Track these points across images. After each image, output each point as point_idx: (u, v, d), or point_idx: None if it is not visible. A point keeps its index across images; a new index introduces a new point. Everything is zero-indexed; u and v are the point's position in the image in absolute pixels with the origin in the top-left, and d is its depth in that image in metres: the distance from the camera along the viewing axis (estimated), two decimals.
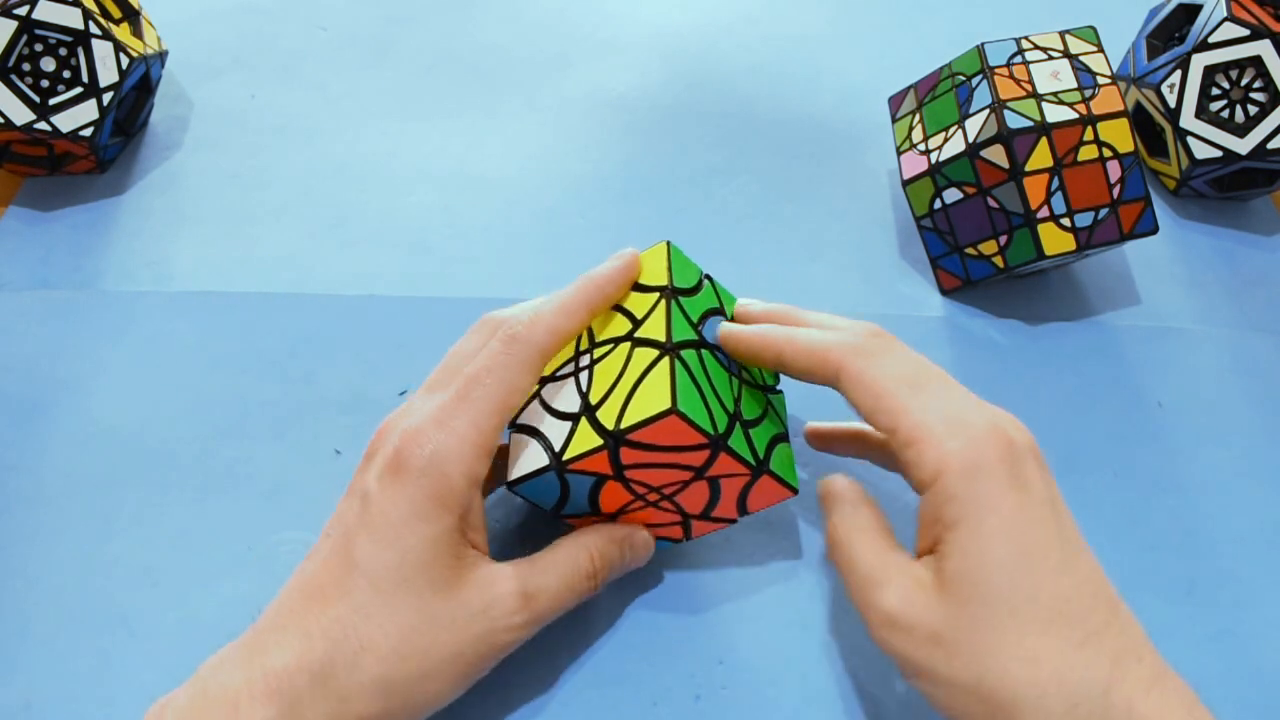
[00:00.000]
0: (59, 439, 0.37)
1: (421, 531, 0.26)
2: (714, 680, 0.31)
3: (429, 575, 0.26)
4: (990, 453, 0.25)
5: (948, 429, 0.26)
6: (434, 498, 0.26)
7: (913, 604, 0.26)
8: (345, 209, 0.46)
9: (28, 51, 0.43)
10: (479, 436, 0.27)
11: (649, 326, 0.29)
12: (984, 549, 0.25)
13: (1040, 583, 0.25)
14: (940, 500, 0.26)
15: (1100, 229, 0.40)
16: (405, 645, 0.26)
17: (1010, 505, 0.25)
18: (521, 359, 0.28)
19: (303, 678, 0.24)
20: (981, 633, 0.24)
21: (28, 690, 0.30)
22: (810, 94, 0.54)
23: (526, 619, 0.28)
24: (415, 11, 0.58)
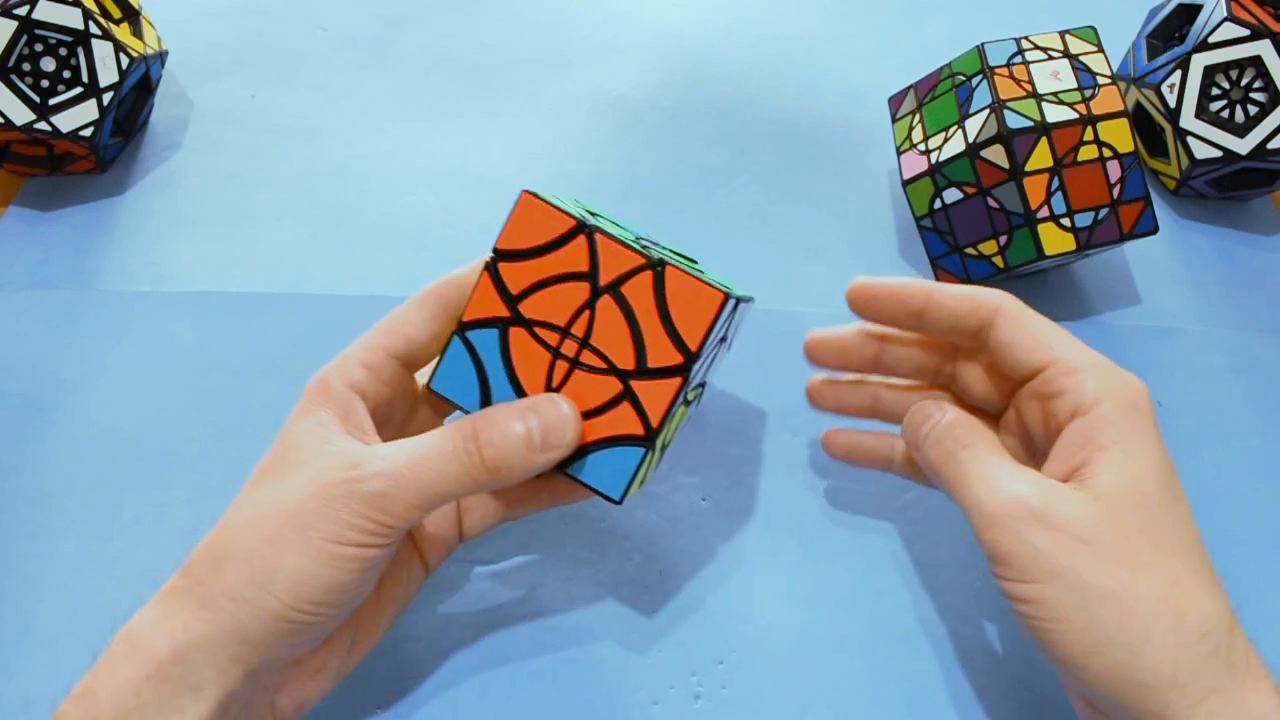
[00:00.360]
0: (59, 439, 0.37)
1: (296, 428, 0.27)
2: (714, 680, 0.31)
3: (291, 458, 0.26)
4: (1143, 398, 0.27)
5: (1106, 370, 0.28)
6: (311, 399, 0.28)
7: (1062, 504, 0.26)
8: (345, 209, 0.46)
9: (28, 51, 0.43)
10: (359, 352, 0.29)
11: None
12: (1141, 471, 0.26)
13: (1182, 517, 0.26)
14: (1099, 424, 0.26)
15: (1100, 229, 0.40)
16: (253, 514, 0.26)
17: (1158, 445, 0.27)
18: (417, 295, 0.30)
19: (177, 578, 0.26)
20: (1134, 543, 0.25)
21: (28, 690, 0.30)
22: (810, 94, 0.54)
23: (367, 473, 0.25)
24: (415, 11, 0.58)
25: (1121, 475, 0.26)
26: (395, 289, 0.43)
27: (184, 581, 0.26)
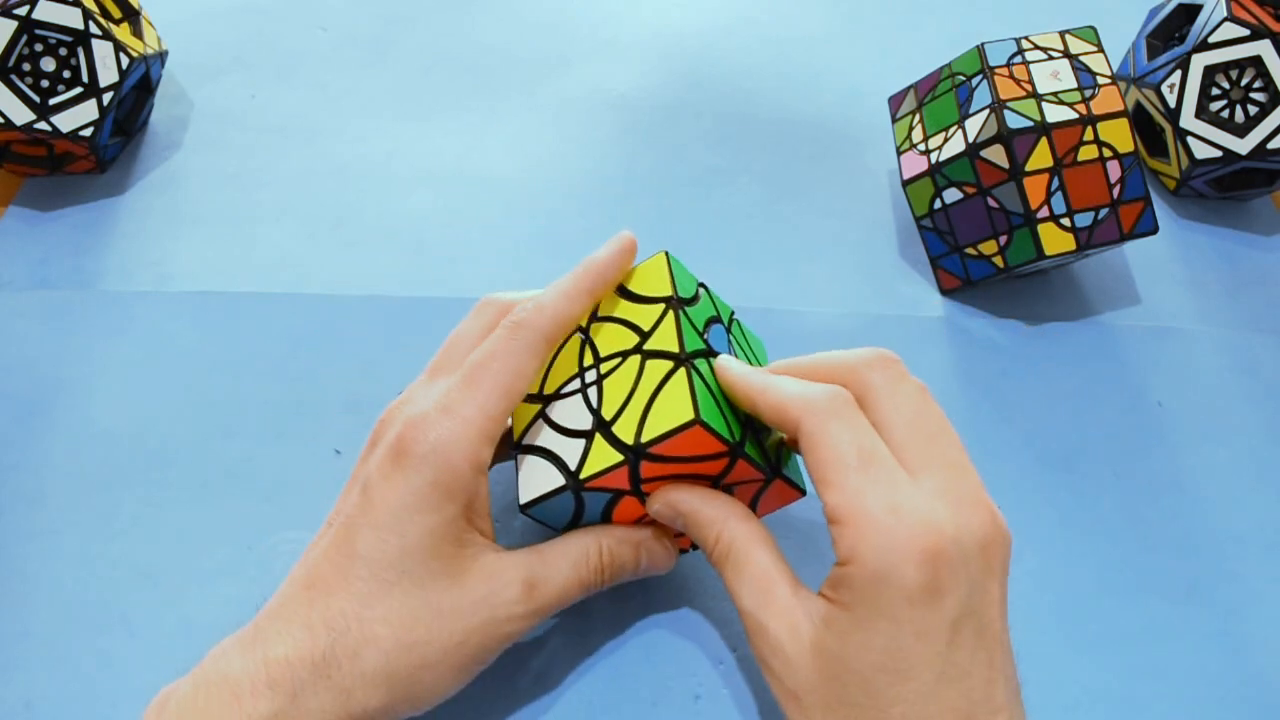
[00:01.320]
0: (59, 439, 0.37)
1: (424, 521, 0.26)
2: (714, 680, 0.31)
3: (431, 564, 0.26)
4: (908, 559, 0.24)
5: (873, 524, 0.24)
6: (437, 485, 0.26)
7: (788, 656, 0.26)
8: (345, 209, 0.46)
9: (28, 51, 0.43)
10: (485, 422, 0.27)
11: (659, 338, 0.29)
12: (861, 649, 0.24)
13: (898, 700, 0.24)
14: (844, 583, 0.25)
15: (1100, 229, 0.40)
16: (407, 635, 0.25)
17: (904, 617, 0.24)
18: (526, 343, 0.28)
19: (304, 669, 0.24)
20: (830, 715, 0.25)
21: (28, 690, 0.30)
22: (810, 94, 0.54)
23: (529, 609, 0.27)
24: (415, 11, 0.58)
25: (843, 646, 0.25)
26: (395, 289, 0.43)
27: (324, 682, 0.25)
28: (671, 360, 0.28)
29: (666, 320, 0.29)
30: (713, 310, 0.32)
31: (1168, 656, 0.33)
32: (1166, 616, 0.34)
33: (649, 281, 0.30)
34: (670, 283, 0.30)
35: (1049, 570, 0.35)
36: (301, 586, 0.26)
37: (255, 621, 0.26)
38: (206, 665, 0.25)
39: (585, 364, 0.30)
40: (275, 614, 0.26)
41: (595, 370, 0.29)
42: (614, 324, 0.30)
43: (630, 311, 0.30)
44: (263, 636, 0.25)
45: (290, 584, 0.27)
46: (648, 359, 0.28)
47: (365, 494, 0.26)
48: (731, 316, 0.33)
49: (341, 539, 0.26)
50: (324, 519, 0.29)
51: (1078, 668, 0.33)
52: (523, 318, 0.28)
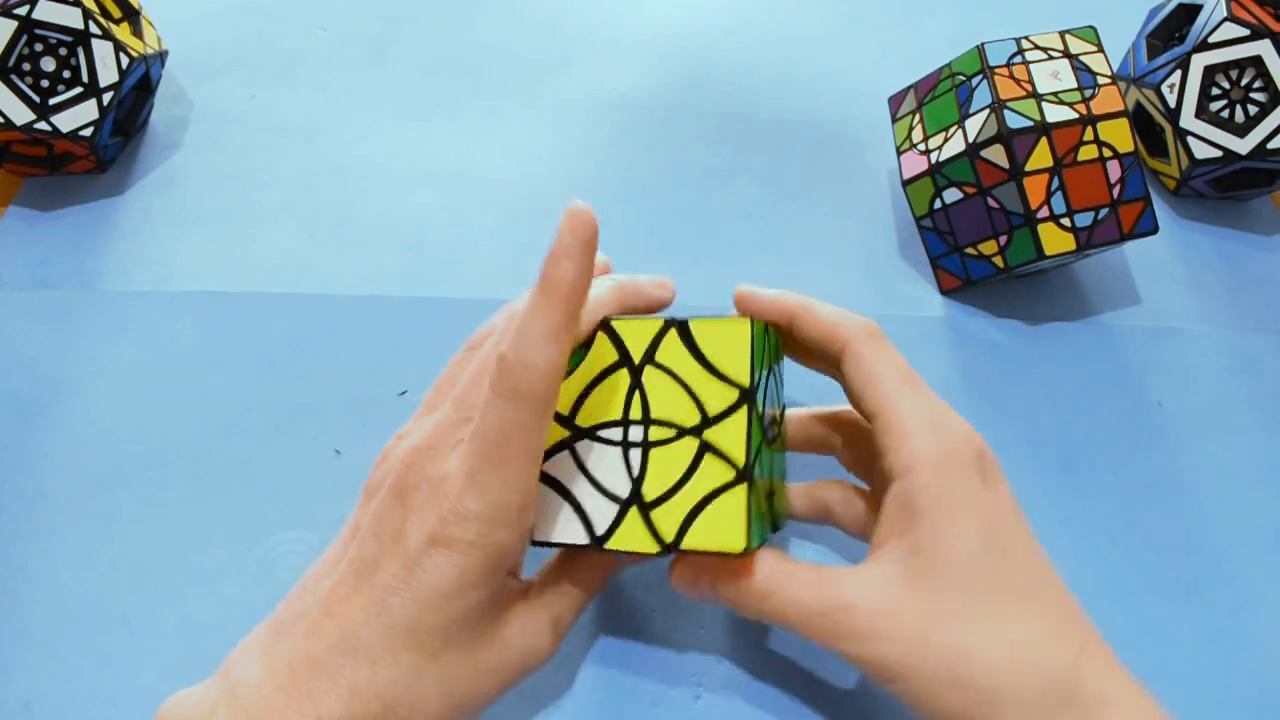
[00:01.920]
0: (59, 439, 0.37)
1: (474, 596, 0.26)
2: (714, 680, 0.31)
3: (477, 629, 0.26)
4: (965, 451, 0.26)
5: (928, 425, 0.27)
6: (487, 566, 0.25)
7: (886, 611, 0.25)
8: (345, 209, 0.46)
9: (28, 51, 0.43)
10: (523, 499, 0.26)
11: (724, 434, 0.26)
12: (957, 540, 0.25)
13: (1010, 572, 0.26)
14: (913, 490, 0.26)
15: (1100, 229, 0.40)
16: (456, 694, 0.26)
17: (980, 500, 0.26)
18: (537, 412, 0.25)
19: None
20: (961, 623, 0.25)
21: (28, 690, 0.30)
22: (810, 94, 0.54)
23: (557, 642, 0.28)
24: (415, 11, 0.58)
25: (939, 550, 0.25)
26: (395, 289, 0.43)
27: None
28: (733, 471, 0.26)
29: (738, 416, 0.26)
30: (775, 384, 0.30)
31: (1168, 656, 0.33)
32: (1166, 616, 0.34)
33: (726, 350, 0.26)
34: (750, 366, 0.26)
35: None
36: (338, 650, 0.25)
37: (290, 664, 0.25)
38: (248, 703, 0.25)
39: (632, 415, 0.27)
40: (315, 668, 0.25)
41: (643, 430, 0.27)
42: (674, 383, 0.27)
43: (697, 379, 0.27)
44: (305, 688, 0.25)
45: (317, 634, 0.26)
46: (706, 451, 0.26)
47: (408, 569, 0.25)
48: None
49: (382, 606, 0.25)
50: (324, 519, 0.29)
51: None
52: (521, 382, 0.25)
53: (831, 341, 0.29)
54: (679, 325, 0.27)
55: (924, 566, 0.25)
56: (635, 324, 0.28)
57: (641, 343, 0.27)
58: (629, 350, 0.27)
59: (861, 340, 0.28)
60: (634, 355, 0.27)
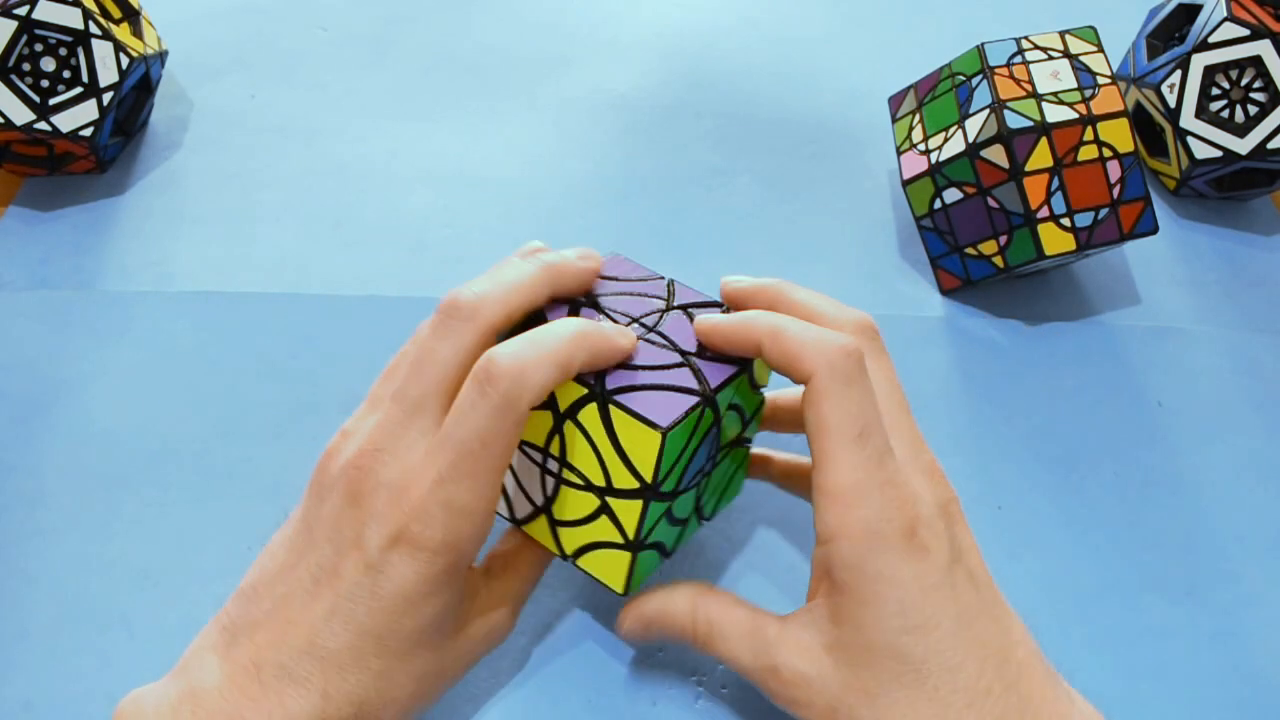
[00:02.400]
0: (59, 439, 0.37)
1: (440, 600, 0.26)
2: (714, 680, 0.31)
3: (444, 628, 0.26)
4: (891, 525, 0.25)
5: (859, 496, 0.25)
6: (451, 568, 0.25)
7: (807, 680, 0.26)
8: (345, 209, 0.46)
9: (28, 51, 0.43)
10: (488, 506, 0.26)
11: (622, 508, 0.27)
12: (875, 620, 0.25)
13: (930, 651, 0.25)
14: (832, 560, 0.26)
15: (1100, 229, 0.40)
16: (424, 687, 0.26)
17: (905, 575, 0.25)
18: (515, 423, 0.25)
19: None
20: (876, 701, 0.25)
21: (28, 690, 0.30)
22: (810, 94, 0.54)
23: (515, 619, 0.29)
24: (415, 11, 0.58)
25: (859, 629, 0.25)
26: (395, 289, 0.43)
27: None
28: (623, 539, 0.27)
29: (635, 504, 0.27)
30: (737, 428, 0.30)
31: (1168, 656, 0.33)
32: (1166, 616, 0.34)
33: (637, 444, 0.26)
34: (655, 469, 0.26)
35: (1049, 570, 0.35)
36: (307, 658, 0.25)
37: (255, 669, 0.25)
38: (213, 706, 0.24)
39: (551, 450, 0.28)
40: (282, 670, 0.25)
41: (558, 465, 0.28)
42: (588, 445, 0.27)
43: (607, 452, 0.27)
44: (275, 693, 0.24)
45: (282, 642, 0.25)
46: (604, 512, 0.27)
47: (371, 575, 0.25)
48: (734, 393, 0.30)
49: (349, 615, 0.25)
50: None
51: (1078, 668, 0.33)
52: (512, 393, 0.25)
53: (791, 373, 0.26)
54: (600, 401, 0.26)
55: (843, 639, 0.26)
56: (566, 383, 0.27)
57: (567, 398, 0.27)
58: (556, 399, 0.27)
59: (825, 378, 0.26)
60: (560, 405, 0.27)
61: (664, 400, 0.26)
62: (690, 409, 0.26)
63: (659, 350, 0.28)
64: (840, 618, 0.26)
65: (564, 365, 0.25)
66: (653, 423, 0.25)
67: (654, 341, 0.28)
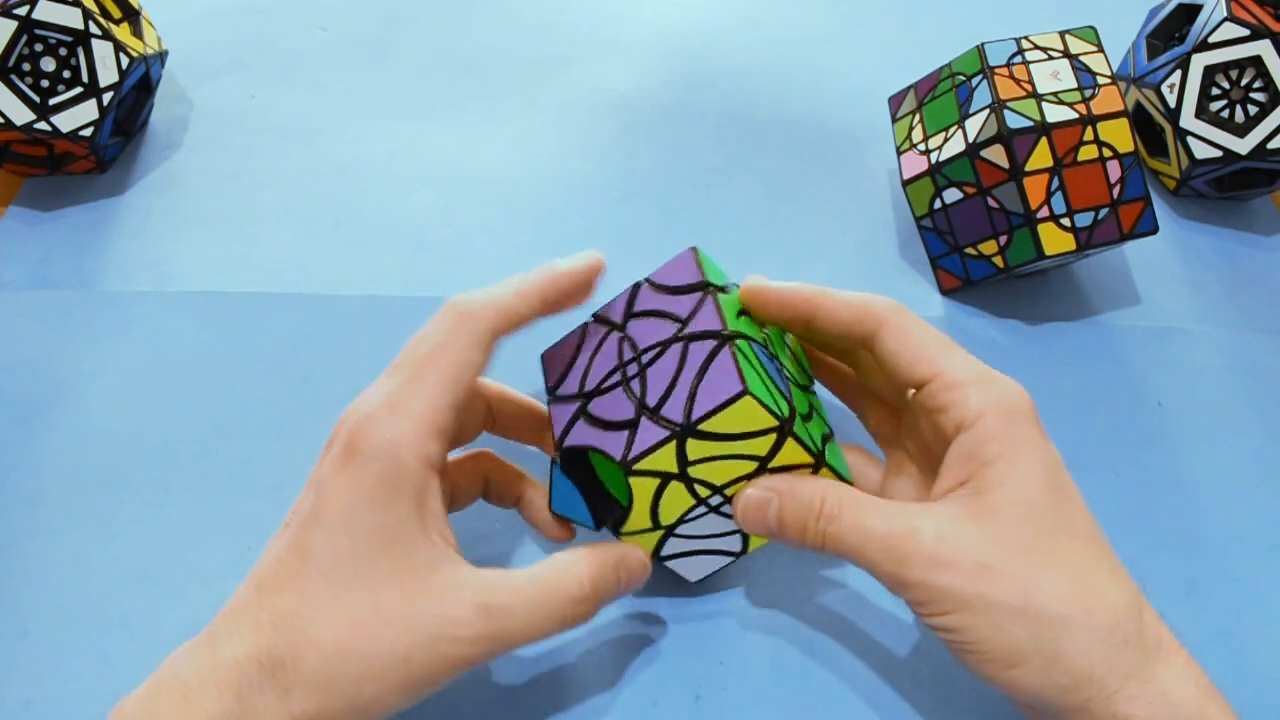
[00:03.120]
0: (59, 439, 0.37)
1: (374, 519, 0.25)
2: (714, 680, 0.31)
3: (381, 566, 0.25)
4: (1024, 405, 0.28)
5: (985, 382, 0.28)
6: (386, 482, 0.25)
7: (953, 539, 0.26)
8: (345, 209, 0.46)
9: (28, 51, 0.43)
10: (432, 415, 0.26)
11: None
12: (1027, 479, 0.26)
13: (1074, 516, 0.27)
14: (982, 438, 0.27)
15: (1100, 229, 0.40)
16: (349, 641, 0.25)
17: (1044, 447, 0.27)
18: (472, 334, 0.27)
19: (252, 668, 0.24)
20: (1029, 555, 0.26)
21: (28, 690, 0.30)
22: (810, 94, 0.54)
23: (481, 634, 0.25)
24: (415, 11, 0.58)
25: (1008, 488, 0.26)
26: (395, 289, 0.43)
27: (269, 681, 0.24)
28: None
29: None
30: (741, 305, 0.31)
31: None
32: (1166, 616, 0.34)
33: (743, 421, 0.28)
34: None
35: None
36: (254, 588, 0.26)
37: (210, 625, 0.26)
38: (161, 670, 0.25)
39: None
40: (227, 616, 0.26)
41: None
42: (722, 462, 0.28)
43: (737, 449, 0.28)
44: (214, 638, 0.25)
45: (244, 586, 0.26)
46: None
47: (318, 494, 0.26)
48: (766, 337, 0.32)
49: (294, 539, 0.26)
50: None
51: None
52: (469, 308, 0.28)
53: (863, 321, 0.29)
54: (689, 432, 0.27)
55: (991, 505, 0.26)
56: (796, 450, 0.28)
57: (668, 463, 0.28)
58: (664, 471, 0.28)
59: (899, 314, 0.29)
60: (672, 469, 0.28)
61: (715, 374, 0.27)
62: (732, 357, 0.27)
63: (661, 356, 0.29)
64: (987, 487, 0.26)
65: (519, 290, 0.28)
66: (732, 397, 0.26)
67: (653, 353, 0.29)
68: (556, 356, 0.32)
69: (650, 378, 0.29)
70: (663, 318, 0.30)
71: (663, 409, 0.28)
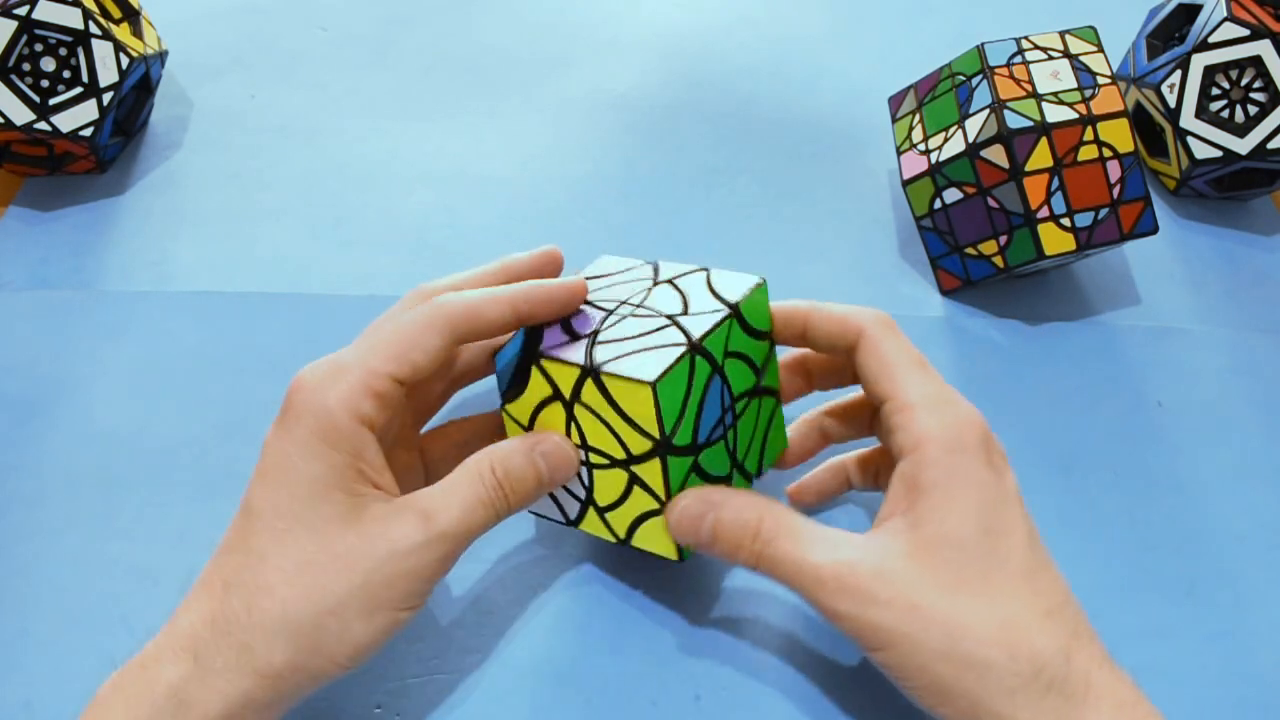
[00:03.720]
0: (59, 439, 0.37)
1: (308, 469, 0.26)
2: (714, 680, 0.31)
3: (322, 509, 0.26)
4: (971, 432, 0.27)
5: (938, 405, 0.28)
6: (319, 435, 0.26)
7: (887, 576, 0.26)
8: (345, 209, 0.46)
9: (28, 51, 0.43)
10: (368, 378, 0.27)
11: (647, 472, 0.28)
12: (962, 516, 0.26)
13: (1009, 553, 0.26)
14: (921, 464, 0.27)
15: (1100, 229, 0.40)
16: (303, 580, 0.25)
17: (984, 480, 0.27)
18: (428, 317, 0.28)
19: (206, 629, 0.25)
20: (958, 595, 0.25)
21: (28, 690, 0.30)
22: (810, 94, 0.54)
23: (428, 537, 0.26)
24: (415, 11, 0.58)
25: (943, 524, 0.26)
26: (395, 289, 0.43)
27: (225, 639, 0.25)
28: (658, 504, 0.28)
29: (655, 463, 0.28)
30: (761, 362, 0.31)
31: (1168, 656, 0.33)
32: (1166, 616, 0.34)
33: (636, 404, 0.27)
34: (657, 422, 0.27)
35: None
36: (211, 558, 0.27)
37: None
38: (133, 657, 0.26)
39: (574, 440, 0.29)
40: (190, 591, 0.26)
41: (585, 454, 0.29)
42: (600, 422, 0.28)
43: (617, 423, 0.28)
44: (176, 613, 0.26)
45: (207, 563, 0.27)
46: (635, 483, 0.29)
47: (261, 455, 0.27)
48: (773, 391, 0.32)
49: (243, 503, 0.27)
50: None
51: None
52: (437, 297, 0.29)
53: (846, 333, 0.30)
54: (593, 374, 0.28)
55: (926, 539, 0.26)
56: (559, 366, 0.28)
57: (566, 383, 0.28)
58: (559, 388, 0.29)
59: (876, 327, 0.29)
60: (564, 392, 0.29)
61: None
62: (678, 359, 0.27)
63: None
64: (923, 520, 0.26)
65: (493, 296, 0.29)
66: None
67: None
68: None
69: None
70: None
71: (597, 346, 0.28)
